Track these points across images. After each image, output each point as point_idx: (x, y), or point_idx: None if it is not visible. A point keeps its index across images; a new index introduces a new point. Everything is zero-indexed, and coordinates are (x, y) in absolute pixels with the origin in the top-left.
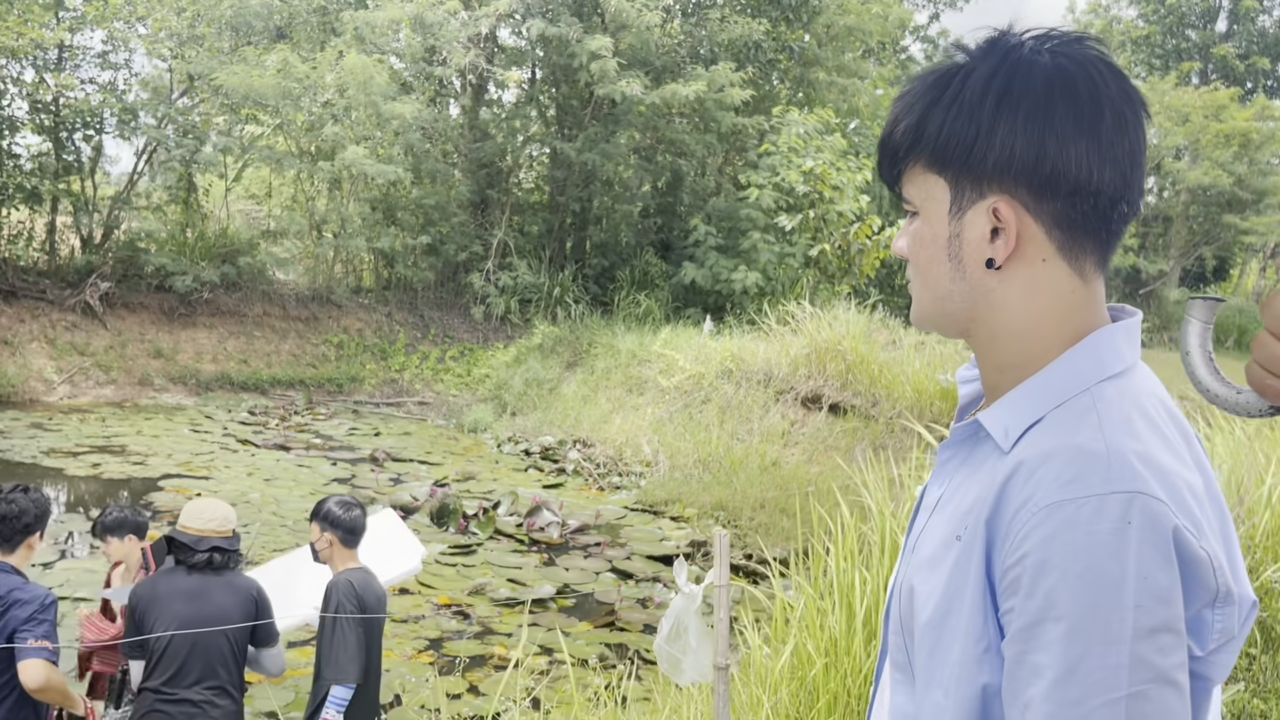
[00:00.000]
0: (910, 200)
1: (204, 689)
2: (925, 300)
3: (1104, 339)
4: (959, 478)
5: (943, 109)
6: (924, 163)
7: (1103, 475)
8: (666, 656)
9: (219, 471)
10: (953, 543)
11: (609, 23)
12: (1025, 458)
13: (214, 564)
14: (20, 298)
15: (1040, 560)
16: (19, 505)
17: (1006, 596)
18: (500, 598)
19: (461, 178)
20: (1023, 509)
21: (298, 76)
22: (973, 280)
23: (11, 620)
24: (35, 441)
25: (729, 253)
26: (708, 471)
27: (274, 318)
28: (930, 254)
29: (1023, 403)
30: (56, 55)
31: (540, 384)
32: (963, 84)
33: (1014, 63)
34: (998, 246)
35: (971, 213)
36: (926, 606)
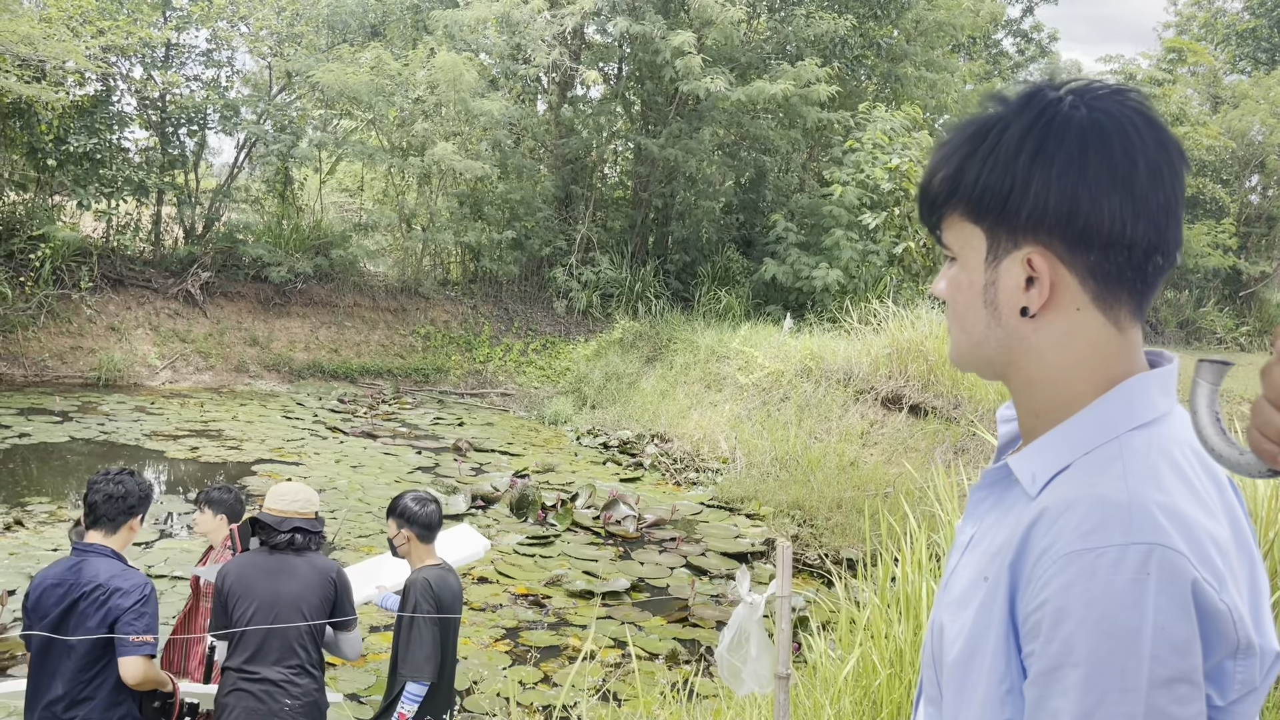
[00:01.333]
0: (949, 246)
1: (284, 668)
2: (962, 343)
3: (1136, 387)
4: (990, 519)
5: (979, 161)
6: (961, 212)
7: (1123, 526)
8: (727, 666)
9: (309, 458)
10: (980, 583)
11: (693, 19)
12: (1049, 504)
13: (295, 544)
14: (127, 286)
15: (1059, 607)
16: (125, 486)
17: (1028, 640)
18: (576, 589)
19: (547, 173)
20: (1044, 556)
21: (390, 74)
22: (1008, 327)
23: (113, 609)
24: (139, 425)
25: (811, 250)
26: (784, 470)
27: (364, 308)
28: (967, 299)
29: (1051, 449)
30: (164, 53)
31: (620, 378)
32: (999, 137)
33: (1050, 117)
34: (1032, 295)
35: (1007, 261)
36: (955, 645)
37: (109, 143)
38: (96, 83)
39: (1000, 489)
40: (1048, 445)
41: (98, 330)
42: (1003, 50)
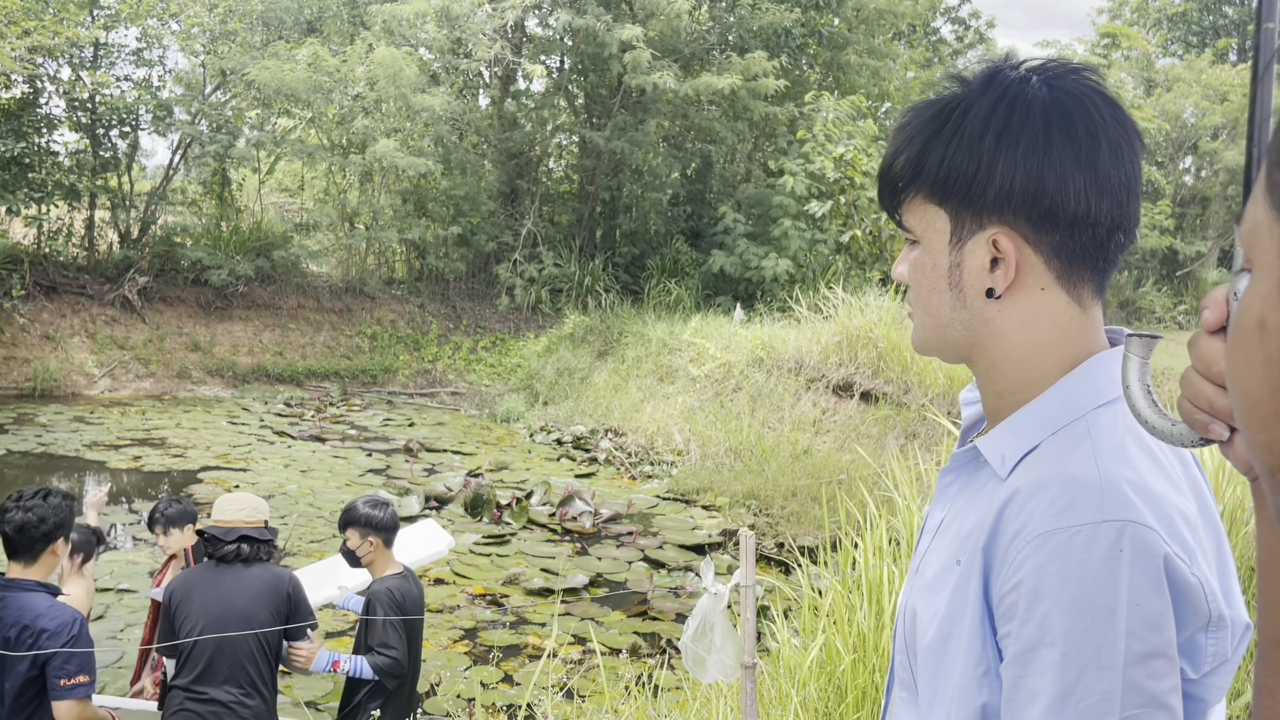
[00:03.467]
0: (911, 229)
1: (232, 688)
2: (926, 326)
3: (1100, 365)
4: (959, 502)
5: (943, 142)
6: (924, 194)
7: (1095, 504)
8: (692, 655)
9: (256, 463)
10: (952, 567)
11: (637, 11)
12: (1021, 485)
13: (243, 555)
14: (61, 293)
15: (1034, 588)
16: (38, 513)
17: (1003, 621)
18: (534, 587)
19: (491, 168)
20: (1018, 537)
21: (328, 70)
22: (973, 309)
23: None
24: (78, 435)
25: (759, 240)
26: (739, 460)
27: (308, 310)
28: (931, 282)
29: (1019, 429)
30: (92, 53)
31: (571, 373)
32: (963, 117)
33: (1013, 96)
34: (997, 276)
35: (971, 243)
36: (929, 630)
37: (37, 146)
38: (23, 85)
39: (968, 472)
40: (1015, 426)
41: (31, 339)
42: (941, 38)
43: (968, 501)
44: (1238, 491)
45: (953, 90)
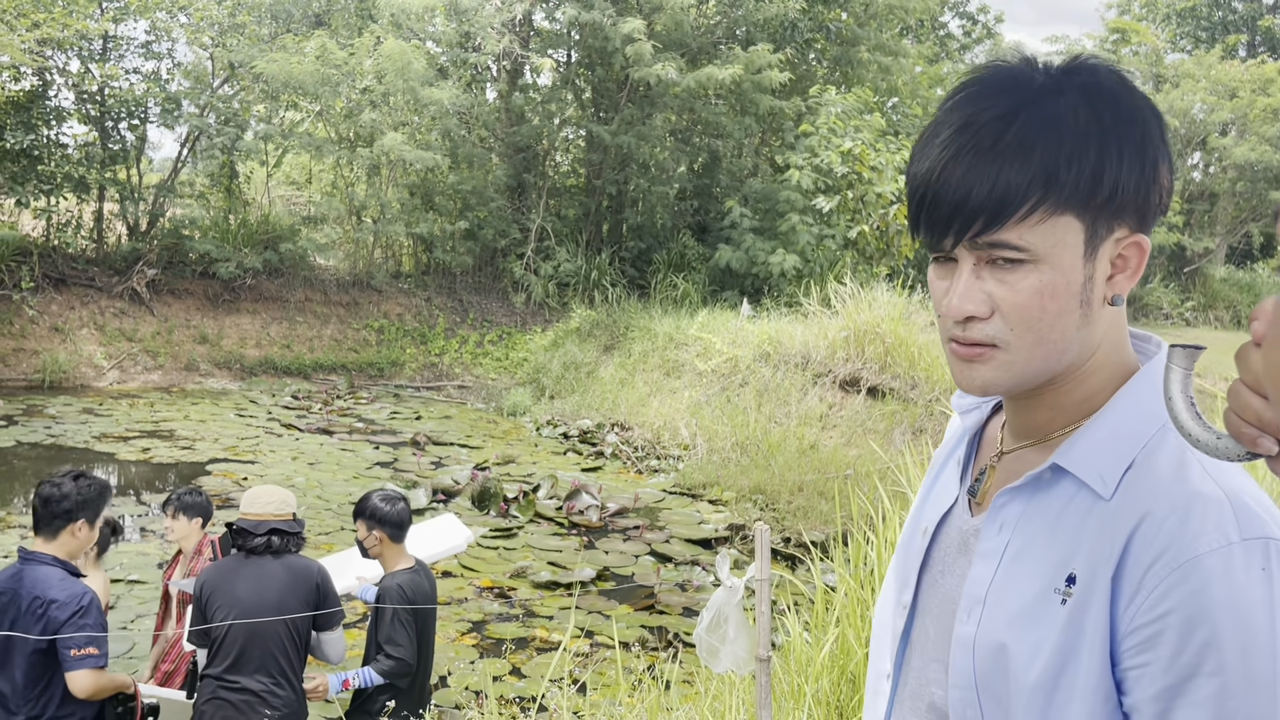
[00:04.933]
0: (1026, 248)
1: (264, 677)
2: (1033, 361)
3: (1156, 371)
4: (1032, 524)
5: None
6: (1049, 207)
7: (1233, 523)
8: (705, 645)
9: (264, 456)
10: (1051, 596)
11: (642, 4)
12: (1152, 509)
13: (273, 547)
14: (70, 285)
15: (1188, 616)
16: (62, 489)
17: (1138, 653)
18: (541, 581)
19: (498, 162)
20: (1158, 563)
21: (336, 63)
22: (1095, 324)
23: (51, 622)
24: (87, 426)
25: (766, 235)
26: (745, 455)
27: (315, 303)
28: (1061, 305)
29: (1107, 445)
30: (101, 46)
31: (578, 367)
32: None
33: (1097, 93)
34: (1119, 281)
35: (1103, 249)
36: (1032, 666)
37: (46, 138)
38: (32, 77)
39: (1030, 491)
40: (1099, 442)
41: (40, 331)
42: (950, 33)
43: (1047, 523)
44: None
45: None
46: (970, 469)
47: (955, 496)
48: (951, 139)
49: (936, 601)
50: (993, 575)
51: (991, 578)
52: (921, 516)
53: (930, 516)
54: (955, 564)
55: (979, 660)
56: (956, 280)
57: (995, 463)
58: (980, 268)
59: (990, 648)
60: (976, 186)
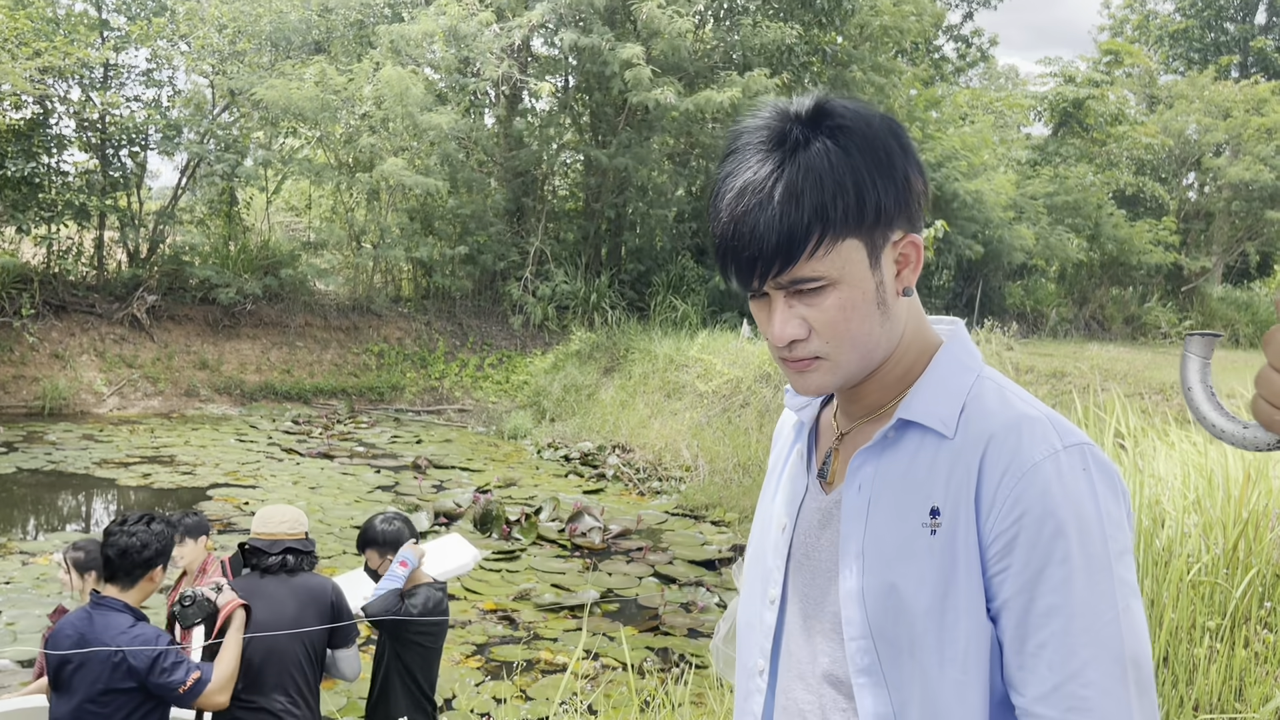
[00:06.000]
0: (822, 275)
1: (280, 696)
2: (852, 362)
3: (962, 339)
4: (888, 476)
5: (830, 191)
6: (829, 239)
7: (1056, 433)
8: (723, 657)
9: (265, 480)
10: (919, 530)
11: (641, 30)
12: (994, 430)
13: (288, 566)
14: (70, 312)
15: (1038, 515)
16: (141, 539)
17: (1001, 557)
18: (545, 603)
19: (497, 186)
20: (1006, 475)
21: (335, 89)
22: (895, 319)
23: (135, 673)
24: (87, 453)
25: None
26: (748, 475)
27: (315, 328)
28: (863, 313)
29: (939, 396)
30: (102, 74)
31: (578, 390)
32: (825, 163)
33: (841, 131)
34: (905, 276)
35: (884, 256)
36: (920, 595)
37: (47, 166)
38: (33, 105)
39: (878, 450)
40: (930, 395)
41: (41, 358)
42: (944, 55)
43: (902, 472)
44: (1262, 497)
45: (781, 135)
46: (814, 458)
47: (805, 485)
48: (734, 201)
49: (807, 581)
50: (864, 529)
51: (864, 532)
52: (773, 517)
53: (787, 511)
54: (822, 539)
55: (870, 608)
56: (773, 313)
57: (838, 444)
58: (790, 298)
59: (879, 592)
60: (765, 238)
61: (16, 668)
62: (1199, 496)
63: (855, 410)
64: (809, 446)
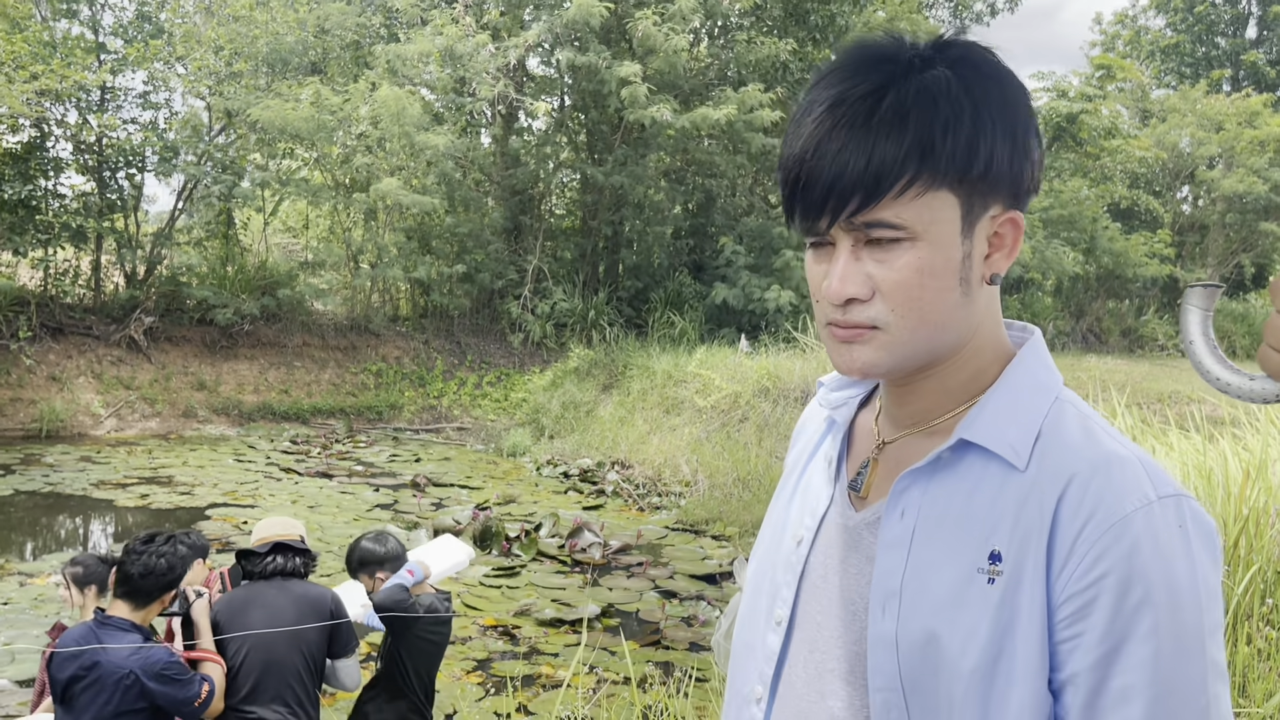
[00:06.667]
0: (903, 225)
1: (279, 707)
2: (916, 341)
3: (1041, 350)
4: (938, 505)
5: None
6: (924, 181)
7: (1148, 480)
8: (724, 653)
9: (264, 500)
10: (975, 576)
11: (637, 48)
12: (1075, 471)
13: (281, 567)
14: (67, 334)
15: (1124, 577)
16: (168, 560)
17: (1073, 621)
18: (546, 618)
19: (494, 205)
20: (1089, 525)
21: (331, 109)
22: (976, 302)
23: (149, 694)
24: (85, 474)
25: (761, 271)
26: (748, 490)
27: (313, 348)
28: (940, 283)
29: (1010, 418)
30: (99, 97)
31: (577, 407)
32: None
33: (972, 67)
34: (996, 259)
35: (980, 226)
36: (968, 653)
37: (44, 189)
38: (30, 128)
39: (929, 472)
40: (1000, 415)
41: (38, 381)
42: None
43: (959, 503)
44: (1262, 494)
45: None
46: (845, 465)
47: (830, 496)
48: (824, 116)
49: (822, 608)
50: (904, 564)
51: (904, 567)
52: (788, 525)
53: (806, 523)
54: (847, 564)
55: (904, 656)
56: (835, 263)
57: (877, 454)
58: (859, 248)
59: (917, 641)
60: (851, 163)
61: (15, 688)
62: (1198, 495)
63: (903, 416)
64: (840, 451)
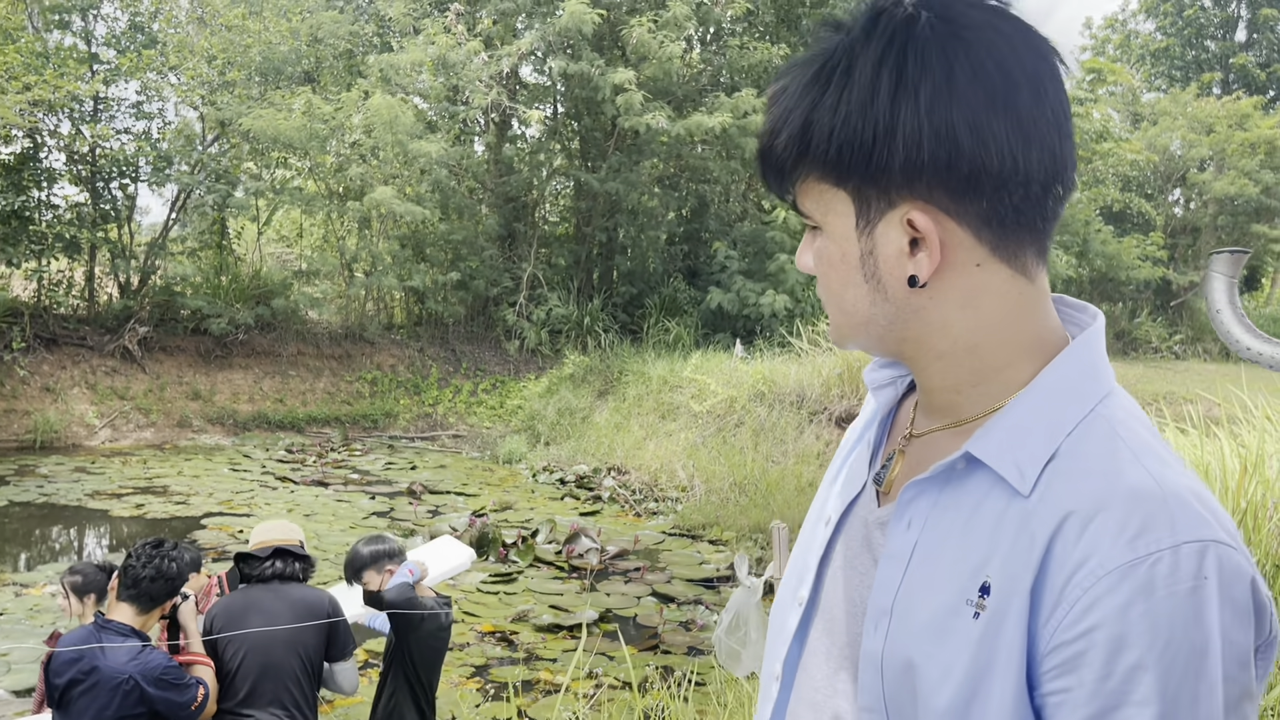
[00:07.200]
0: (808, 214)
1: (277, 710)
2: (843, 324)
3: (1089, 347)
4: (944, 522)
5: (828, 110)
6: (816, 174)
7: (1168, 523)
8: (725, 649)
9: (259, 509)
10: (962, 608)
11: (630, 55)
12: (1075, 508)
13: (280, 572)
14: (61, 345)
15: (1116, 635)
16: (178, 565)
17: (1058, 675)
18: (544, 624)
19: (488, 213)
20: (1080, 571)
21: (323, 118)
22: (897, 301)
23: (148, 699)
24: (80, 485)
25: (755, 276)
26: (744, 494)
27: (308, 357)
28: (842, 276)
29: (1025, 432)
30: (92, 107)
31: (573, 413)
32: (847, 75)
33: (904, 40)
34: (920, 261)
35: (883, 225)
36: (942, 690)
37: (37, 200)
38: (23, 139)
39: (940, 483)
40: (1017, 427)
41: (32, 392)
42: None
43: (959, 521)
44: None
45: (829, 40)
46: (880, 453)
47: (864, 483)
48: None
49: (839, 602)
50: (900, 581)
51: (899, 585)
52: (826, 504)
53: (835, 505)
54: (858, 561)
55: (887, 679)
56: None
57: (904, 446)
58: (813, 230)
59: (898, 666)
60: (769, 146)
61: (12, 698)
62: None
63: (931, 407)
64: (878, 438)
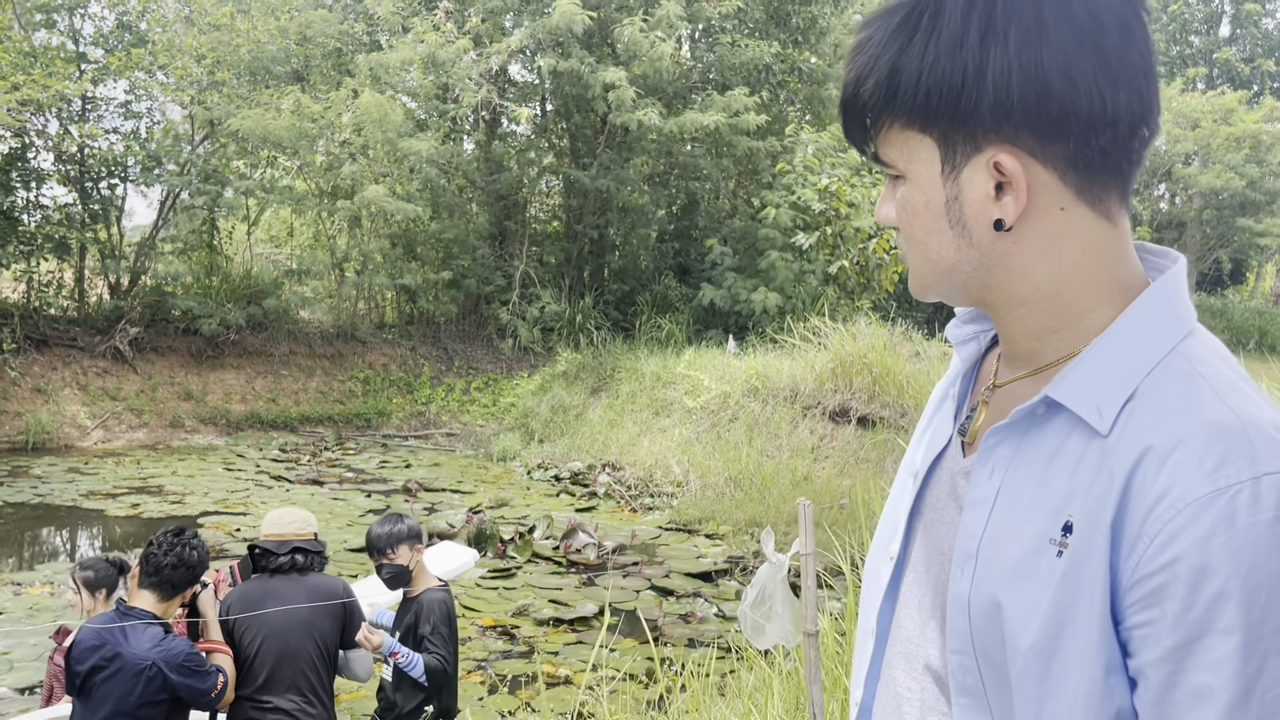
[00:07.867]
0: (891, 163)
1: (295, 696)
2: (926, 273)
3: (1170, 288)
4: (1025, 466)
5: (917, 55)
6: (903, 121)
7: (1249, 455)
8: (750, 622)
9: (255, 507)
10: (1045, 547)
11: (620, 53)
12: (1154, 442)
13: (297, 565)
14: (52, 346)
15: (1199, 565)
16: (199, 554)
17: (1144, 607)
18: (544, 618)
19: (479, 211)
20: (1160, 504)
21: (312, 117)
22: (982, 246)
23: (170, 685)
24: (74, 485)
25: (746, 273)
26: (739, 489)
27: (300, 356)
28: (927, 223)
29: (1103, 374)
30: (80, 107)
31: (566, 410)
32: (935, 20)
33: None
34: (1005, 204)
35: (969, 170)
36: (1028, 628)
37: (26, 200)
38: (11, 139)
39: (1021, 430)
40: (1095, 369)
41: (23, 393)
42: None
43: (1041, 466)
44: None
45: None
46: (965, 405)
47: (949, 436)
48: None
49: (927, 553)
50: (984, 525)
51: (984, 528)
52: (914, 460)
53: (922, 459)
54: (944, 511)
55: (975, 621)
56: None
57: (988, 397)
58: (895, 180)
59: (985, 607)
60: (850, 96)
61: (15, 695)
62: None
63: (1012, 356)
64: (963, 391)
